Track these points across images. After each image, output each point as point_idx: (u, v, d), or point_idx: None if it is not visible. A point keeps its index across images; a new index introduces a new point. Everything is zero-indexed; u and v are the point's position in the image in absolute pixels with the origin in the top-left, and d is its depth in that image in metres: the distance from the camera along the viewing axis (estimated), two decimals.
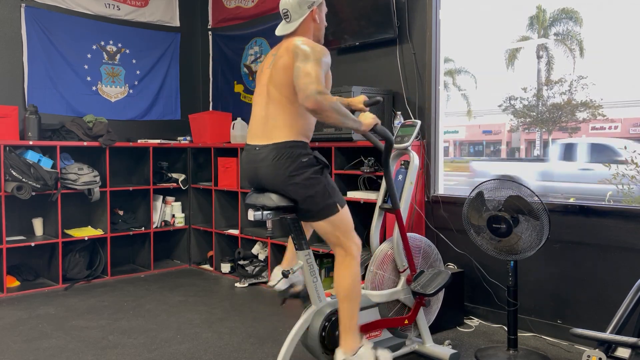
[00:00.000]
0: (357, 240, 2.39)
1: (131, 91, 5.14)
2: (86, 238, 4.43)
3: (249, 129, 2.42)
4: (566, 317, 3.09)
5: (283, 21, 2.42)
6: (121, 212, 4.83)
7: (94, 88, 4.93)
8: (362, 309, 2.47)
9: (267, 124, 2.31)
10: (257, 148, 2.31)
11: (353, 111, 2.58)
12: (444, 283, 2.67)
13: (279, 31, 2.43)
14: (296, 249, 2.35)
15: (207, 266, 4.96)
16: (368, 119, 2.39)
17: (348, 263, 2.35)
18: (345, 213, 2.35)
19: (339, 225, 2.32)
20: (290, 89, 2.25)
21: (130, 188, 4.71)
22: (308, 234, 2.55)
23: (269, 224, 4.19)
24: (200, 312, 3.63)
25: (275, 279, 2.50)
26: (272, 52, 2.42)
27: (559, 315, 3.12)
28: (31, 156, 4.15)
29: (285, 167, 2.22)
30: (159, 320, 3.46)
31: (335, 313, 2.40)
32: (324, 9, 2.48)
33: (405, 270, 2.75)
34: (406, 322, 2.71)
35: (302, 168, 2.23)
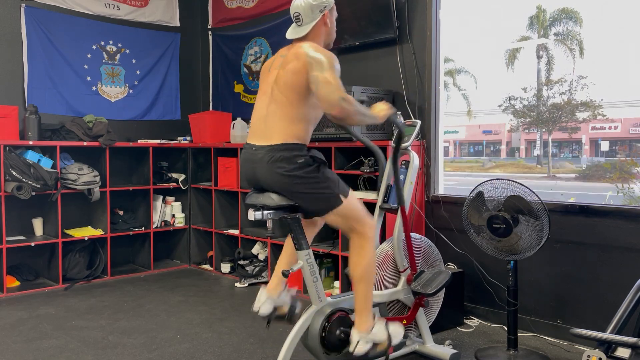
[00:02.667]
0: (371, 222, 2.41)
1: (131, 91, 5.14)
2: (86, 238, 4.43)
3: (250, 127, 2.43)
4: (566, 317, 3.09)
5: (294, 24, 2.42)
6: (121, 212, 4.83)
7: (94, 88, 4.93)
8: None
9: (267, 124, 2.31)
10: (254, 148, 2.32)
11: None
12: (444, 283, 2.67)
13: (290, 34, 2.42)
14: (296, 249, 2.35)
15: (207, 266, 4.96)
16: (382, 111, 2.41)
17: (364, 245, 2.37)
18: (351, 201, 2.35)
19: (347, 214, 2.33)
20: (294, 92, 2.25)
21: (130, 188, 4.71)
22: (308, 234, 2.55)
23: (269, 224, 4.19)
24: (200, 312, 3.63)
25: (258, 304, 2.49)
26: (281, 52, 2.41)
27: (559, 315, 3.12)
28: (31, 156, 4.15)
29: (282, 169, 2.22)
30: (159, 320, 3.46)
31: (335, 313, 2.40)
32: (335, 14, 2.49)
33: (405, 270, 2.75)
34: (405, 322, 2.70)
35: (298, 169, 2.23)
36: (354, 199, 2.38)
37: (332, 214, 2.31)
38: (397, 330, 2.44)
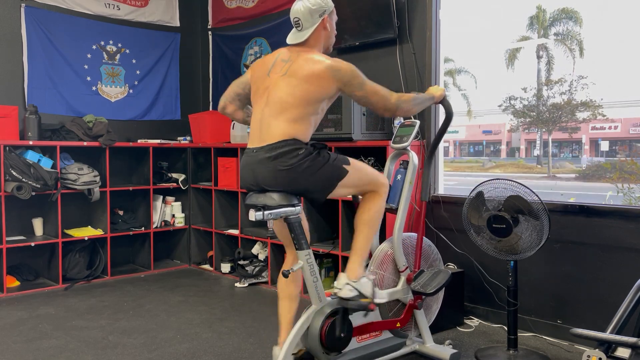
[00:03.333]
0: (384, 180, 2.51)
1: (131, 91, 5.15)
2: (86, 238, 4.43)
3: (249, 133, 2.44)
4: (566, 317, 3.09)
5: (294, 29, 2.42)
6: (121, 212, 4.83)
7: (94, 88, 4.93)
8: (362, 309, 2.46)
9: (262, 127, 2.33)
10: (254, 151, 2.32)
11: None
12: (444, 282, 2.67)
13: (290, 39, 2.43)
14: (296, 249, 2.35)
15: (207, 266, 4.96)
16: (438, 90, 2.66)
17: (376, 197, 2.47)
18: (355, 168, 2.40)
19: (356, 182, 2.41)
20: (303, 108, 2.28)
21: (130, 188, 4.71)
22: (308, 234, 2.55)
23: (269, 224, 4.19)
24: (200, 312, 3.63)
25: None
26: (282, 57, 2.40)
27: (559, 315, 3.12)
28: (31, 156, 4.15)
29: (284, 164, 2.23)
30: (159, 320, 3.46)
31: (335, 313, 2.40)
32: (335, 17, 2.50)
33: (405, 270, 2.75)
34: (398, 325, 2.70)
35: (300, 161, 2.25)
36: (358, 163, 2.44)
37: (342, 187, 2.37)
38: (381, 296, 2.55)
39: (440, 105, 2.74)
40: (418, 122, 2.85)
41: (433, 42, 3.65)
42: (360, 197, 2.54)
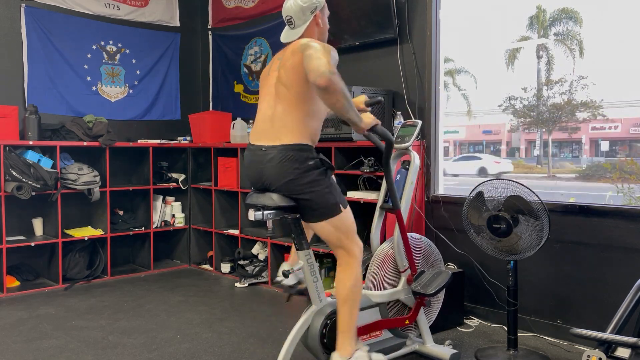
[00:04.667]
0: (359, 243, 2.40)
1: (131, 91, 5.14)
2: (86, 238, 4.43)
3: (254, 129, 2.41)
4: (566, 317, 3.09)
5: (287, 27, 2.42)
6: (121, 212, 4.83)
7: (94, 88, 4.93)
8: (362, 309, 2.48)
9: (275, 124, 2.30)
10: (263, 149, 2.29)
11: None
12: (445, 283, 2.67)
13: (284, 38, 2.43)
14: (296, 249, 2.35)
15: (207, 266, 4.96)
16: (368, 118, 2.37)
17: (350, 265, 2.35)
18: (347, 214, 2.35)
19: (340, 226, 2.33)
20: (300, 87, 2.25)
21: (130, 188, 4.71)
22: (309, 234, 2.55)
23: (269, 224, 4.19)
24: (200, 312, 3.63)
25: (281, 276, 2.49)
26: (278, 56, 2.42)
27: (559, 315, 3.12)
28: (31, 156, 4.15)
29: (293, 169, 2.23)
30: (159, 320, 3.46)
31: (335, 313, 2.40)
32: (327, 13, 2.50)
33: (405, 270, 2.75)
34: (407, 322, 2.71)
35: (308, 170, 2.24)
36: (350, 214, 2.38)
37: (327, 222, 2.30)
38: (379, 356, 2.45)
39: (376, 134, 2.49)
40: (420, 122, 2.86)
41: (433, 42, 3.65)
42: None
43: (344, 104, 2.16)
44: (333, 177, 2.35)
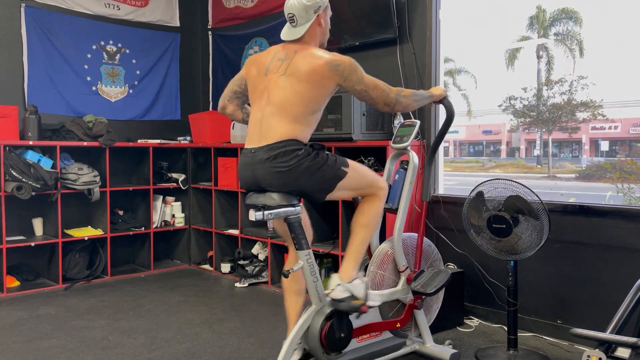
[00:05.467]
0: (383, 184, 2.49)
1: (131, 91, 5.15)
2: (86, 238, 4.43)
3: (247, 133, 2.42)
4: (566, 317, 3.09)
5: (288, 25, 2.40)
6: (121, 212, 4.83)
7: (94, 88, 4.93)
8: (354, 310, 2.45)
9: (262, 127, 2.31)
10: (252, 151, 2.31)
11: None
12: (444, 282, 2.67)
13: (285, 36, 2.41)
14: (296, 249, 2.35)
15: (207, 266, 4.96)
16: (437, 90, 2.65)
17: (375, 200, 2.45)
18: (354, 170, 2.38)
19: (355, 184, 2.39)
20: (303, 99, 2.26)
21: (130, 188, 4.71)
22: (309, 234, 2.55)
23: (269, 224, 4.18)
24: (200, 312, 3.63)
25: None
26: (279, 56, 2.38)
27: (559, 315, 3.12)
28: (31, 156, 4.15)
29: (282, 164, 2.23)
30: (159, 320, 3.46)
31: (336, 313, 2.40)
32: (329, 13, 2.49)
33: (405, 269, 2.75)
34: (398, 325, 2.69)
35: (301, 159, 2.24)
36: (357, 166, 2.42)
37: (341, 190, 2.35)
38: (374, 300, 2.51)
39: (442, 105, 2.73)
40: (418, 122, 2.85)
41: (433, 42, 3.65)
42: (359, 198, 2.54)
43: (417, 104, 2.50)
44: (325, 152, 2.34)
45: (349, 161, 2.40)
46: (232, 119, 2.87)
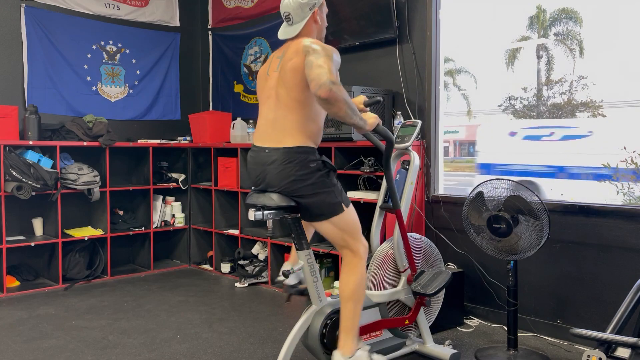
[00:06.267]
0: (364, 242, 2.40)
1: (131, 91, 5.14)
2: (86, 238, 4.43)
3: (257, 131, 2.41)
4: (566, 317, 3.09)
5: (284, 24, 2.41)
6: (121, 212, 4.83)
7: (93, 88, 4.93)
8: (362, 309, 2.47)
9: (276, 127, 2.30)
10: (266, 150, 2.30)
11: None
12: (445, 283, 2.67)
13: (281, 35, 2.42)
14: (296, 249, 2.35)
15: (207, 266, 4.96)
16: (371, 118, 2.35)
17: (355, 264, 2.36)
18: (350, 213, 2.35)
19: (343, 226, 2.33)
20: (300, 90, 2.25)
21: (130, 188, 4.71)
22: (309, 234, 2.55)
23: (269, 224, 4.19)
24: (200, 312, 3.63)
25: (283, 276, 2.48)
26: (277, 54, 2.40)
27: (559, 315, 3.12)
28: (31, 156, 4.15)
29: (295, 171, 2.23)
30: (159, 320, 3.46)
31: (335, 313, 2.40)
32: (325, 10, 2.49)
33: (405, 270, 2.75)
34: (407, 322, 2.71)
35: (311, 173, 2.24)
36: (354, 213, 2.38)
37: (330, 223, 2.31)
38: (380, 358, 2.46)
39: (378, 134, 2.49)
40: (420, 122, 2.85)
41: (433, 42, 3.65)
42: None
43: (346, 112, 2.14)
44: (336, 178, 2.34)
45: (350, 204, 2.37)
46: None
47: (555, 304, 3.14)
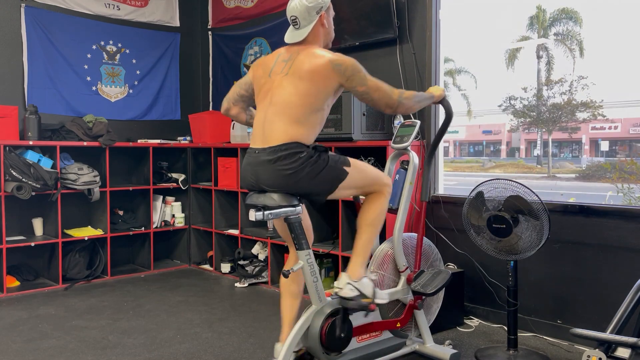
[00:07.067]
0: (387, 180, 2.50)
1: (131, 91, 5.15)
2: (86, 238, 4.43)
3: (252, 134, 2.43)
4: (566, 317, 3.10)
5: (291, 28, 2.40)
6: (121, 212, 4.83)
7: (93, 88, 4.93)
8: (362, 309, 2.46)
9: (264, 128, 2.32)
10: (256, 151, 2.32)
11: None
12: (444, 283, 2.67)
13: (288, 38, 2.41)
14: (296, 249, 2.35)
15: (207, 266, 4.96)
16: (437, 90, 2.65)
17: (378, 197, 2.46)
18: (356, 169, 2.38)
19: (357, 182, 2.39)
20: (314, 101, 2.27)
21: (130, 188, 4.71)
22: (309, 234, 2.55)
23: (269, 224, 4.19)
24: (200, 312, 3.63)
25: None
26: (282, 58, 2.39)
27: (559, 315, 3.12)
28: (31, 156, 4.15)
29: (285, 168, 2.23)
30: (159, 320, 3.46)
31: (336, 313, 2.40)
32: (332, 13, 2.49)
33: (405, 270, 2.75)
34: (398, 325, 2.69)
35: (302, 164, 2.24)
36: (359, 164, 2.42)
37: (344, 189, 2.36)
38: (382, 297, 2.55)
39: (440, 105, 2.73)
40: (418, 122, 2.85)
41: (433, 42, 3.65)
42: (362, 197, 2.53)
43: (419, 106, 2.49)
44: (327, 155, 2.34)
45: (351, 160, 2.40)
46: (236, 121, 2.88)
47: (555, 304, 3.14)
